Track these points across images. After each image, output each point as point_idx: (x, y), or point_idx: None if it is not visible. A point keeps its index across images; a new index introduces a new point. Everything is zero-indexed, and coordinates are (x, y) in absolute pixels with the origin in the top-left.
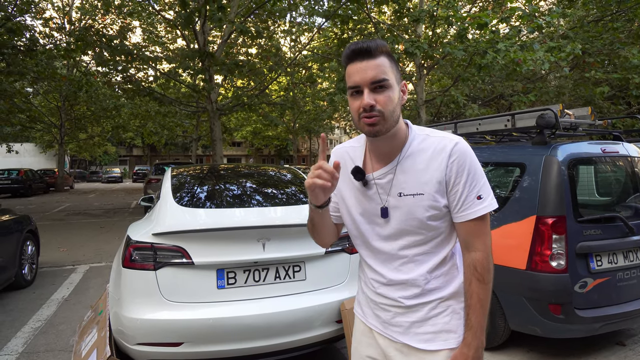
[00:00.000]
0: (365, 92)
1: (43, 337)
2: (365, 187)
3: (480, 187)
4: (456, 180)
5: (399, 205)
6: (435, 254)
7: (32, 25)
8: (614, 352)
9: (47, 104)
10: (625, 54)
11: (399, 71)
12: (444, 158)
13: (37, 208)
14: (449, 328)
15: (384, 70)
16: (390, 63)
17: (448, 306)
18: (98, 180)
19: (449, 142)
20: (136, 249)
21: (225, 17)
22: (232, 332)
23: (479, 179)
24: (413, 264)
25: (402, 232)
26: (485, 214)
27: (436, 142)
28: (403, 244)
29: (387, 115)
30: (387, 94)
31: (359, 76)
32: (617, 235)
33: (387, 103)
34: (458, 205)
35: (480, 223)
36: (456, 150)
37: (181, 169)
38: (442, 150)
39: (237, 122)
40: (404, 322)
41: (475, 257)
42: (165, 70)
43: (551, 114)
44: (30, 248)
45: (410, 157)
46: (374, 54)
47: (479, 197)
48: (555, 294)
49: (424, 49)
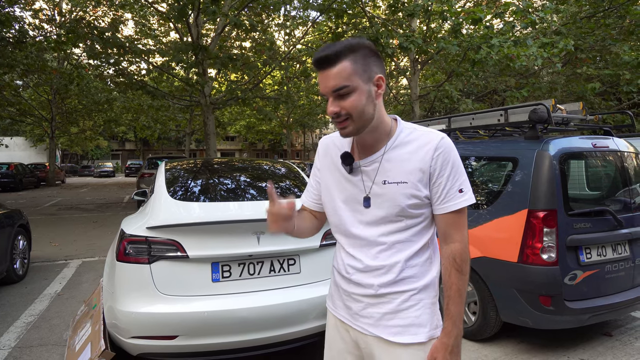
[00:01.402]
0: (330, 100)
1: (36, 331)
2: (351, 174)
3: (461, 182)
4: (440, 172)
5: (383, 193)
6: (413, 243)
7: (22, 17)
8: (602, 342)
9: (37, 97)
10: (617, 50)
11: (371, 67)
12: (430, 150)
13: (28, 202)
14: (419, 322)
15: (345, 76)
16: (352, 66)
17: (420, 300)
18: (90, 175)
19: (435, 136)
20: (130, 243)
21: (219, 10)
22: (227, 325)
23: (461, 174)
24: (391, 251)
25: (383, 219)
26: (464, 207)
27: (422, 136)
28: (383, 231)
29: (356, 117)
30: (350, 99)
31: (322, 86)
32: (607, 229)
33: (352, 107)
34: (441, 197)
35: (460, 216)
36: (442, 145)
37: (175, 163)
38: (428, 144)
39: (231, 116)
40: (375, 314)
41: (454, 248)
42: (158, 64)
43: (543, 109)
44: (22, 243)
45: (397, 147)
46: (333, 62)
47: (460, 191)
48: (546, 286)
49: (418, 44)
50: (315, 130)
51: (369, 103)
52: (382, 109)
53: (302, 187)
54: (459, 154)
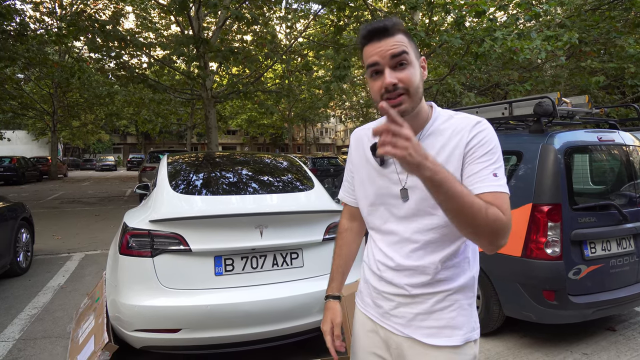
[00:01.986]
0: (387, 71)
1: (40, 324)
2: (383, 167)
3: (497, 167)
4: (474, 152)
5: (417, 185)
6: (448, 243)
7: (22, 10)
8: (605, 337)
9: (39, 91)
10: (622, 43)
11: (417, 48)
12: (465, 133)
13: (31, 196)
14: (454, 324)
15: (402, 46)
16: (408, 40)
17: (455, 300)
18: (92, 169)
19: (472, 120)
20: (133, 236)
21: (220, 3)
22: (230, 318)
23: (498, 159)
24: (424, 251)
25: (417, 213)
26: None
27: (459, 121)
28: (417, 227)
29: (412, 92)
30: (409, 70)
31: (376, 55)
32: (611, 223)
33: (410, 80)
34: (473, 176)
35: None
36: (478, 127)
37: (177, 157)
38: (464, 128)
39: (232, 110)
40: (408, 314)
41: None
42: (160, 57)
43: (549, 102)
44: (25, 236)
45: (432, 135)
46: (392, 32)
47: (494, 175)
48: (550, 281)
49: (421, 37)
50: (317, 124)
51: (421, 81)
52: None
53: (305, 181)
54: None
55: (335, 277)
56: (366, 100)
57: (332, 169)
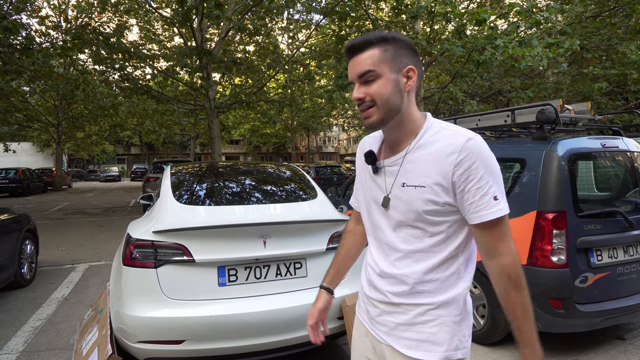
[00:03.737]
0: (355, 86)
1: (43, 335)
2: (376, 174)
3: (497, 188)
4: (468, 178)
5: (401, 196)
6: (434, 254)
7: (29, 24)
8: (614, 346)
9: (44, 103)
10: (623, 49)
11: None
12: (453, 154)
13: (36, 207)
14: (434, 339)
15: (372, 62)
16: (382, 54)
17: (438, 316)
18: (96, 179)
19: (461, 137)
20: (137, 247)
21: (222, 15)
22: (233, 329)
23: (495, 179)
24: (409, 260)
25: (401, 223)
26: (504, 216)
27: (448, 136)
28: (402, 236)
29: (380, 105)
30: (375, 85)
31: (350, 73)
32: (617, 230)
33: (377, 93)
34: (472, 205)
35: (501, 226)
36: (467, 148)
37: (180, 167)
38: (451, 146)
39: (235, 120)
40: (390, 322)
41: (504, 262)
42: (163, 68)
43: (551, 109)
44: (29, 247)
45: (420, 148)
46: (362, 48)
47: (495, 198)
48: (556, 289)
49: (422, 46)
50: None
51: (396, 93)
52: (412, 105)
53: (308, 190)
54: None
55: (329, 271)
56: None
57: (335, 177)
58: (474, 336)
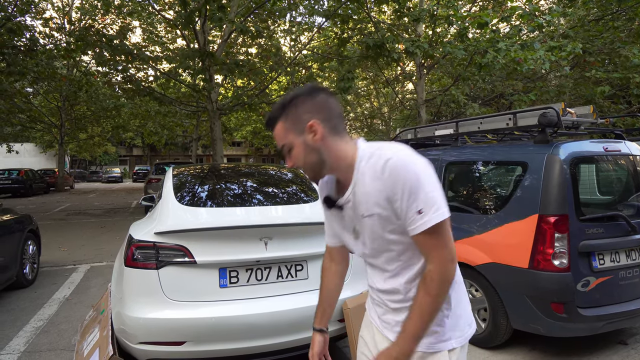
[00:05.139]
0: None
1: (45, 336)
2: (340, 211)
3: (420, 201)
4: (395, 196)
5: (365, 227)
6: (410, 267)
7: (32, 26)
8: (616, 351)
9: (47, 104)
10: (626, 53)
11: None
12: (378, 180)
13: (38, 208)
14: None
15: (280, 137)
16: (284, 125)
17: None
18: (98, 180)
19: (380, 161)
20: (138, 248)
21: (225, 17)
22: (234, 331)
23: (417, 192)
24: (396, 276)
25: (376, 250)
26: (432, 227)
27: (373, 163)
28: (384, 259)
29: (304, 168)
30: (293, 154)
31: None
32: (620, 234)
33: (296, 160)
34: (405, 220)
35: (429, 236)
36: (385, 170)
37: (182, 169)
38: (376, 172)
39: (237, 121)
40: (391, 320)
41: (429, 268)
42: (165, 70)
43: (553, 113)
44: (32, 248)
45: (360, 180)
46: (272, 125)
47: (419, 212)
48: (558, 293)
49: (424, 49)
50: None
51: (309, 153)
52: (333, 148)
53: (309, 192)
54: (466, 158)
55: (317, 313)
56: (370, 112)
57: None
58: (475, 340)
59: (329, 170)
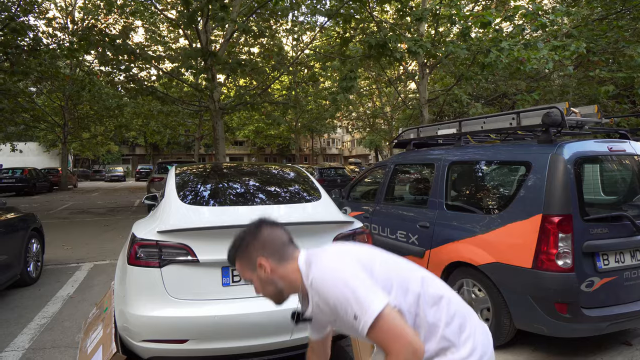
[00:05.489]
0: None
1: (49, 333)
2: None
3: (350, 307)
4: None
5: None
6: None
7: (36, 25)
8: (621, 351)
9: (50, 104)
10: (630, 52)
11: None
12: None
13: (42, 206)
14: None
15: (242, 274)
16: (240, 264)
17: None
18: (101, 179)
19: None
20: (141, 247)
21: (227, 16)
22: (237, 329)
23: (345, 302)
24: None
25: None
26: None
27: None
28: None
29: (266, 297)
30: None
31: None
32: (624, 234)
33: (259, 291)
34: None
35: (376, 334)
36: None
37: (185, 168)
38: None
39: (240, 121)
40: None
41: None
42: (168, 70)
43: (557, 112)
44: (35, 246)
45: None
46: (232, 263)
47: (355, 318)
48: (562, 293)
49: (427, 48)
50: (324, 134)
51: (266, 285)
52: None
53: (312, 191)
54: (469, 158)
55: None
56: (372, 111)
57: (339, 179)
58: None
59: (289, 292)
